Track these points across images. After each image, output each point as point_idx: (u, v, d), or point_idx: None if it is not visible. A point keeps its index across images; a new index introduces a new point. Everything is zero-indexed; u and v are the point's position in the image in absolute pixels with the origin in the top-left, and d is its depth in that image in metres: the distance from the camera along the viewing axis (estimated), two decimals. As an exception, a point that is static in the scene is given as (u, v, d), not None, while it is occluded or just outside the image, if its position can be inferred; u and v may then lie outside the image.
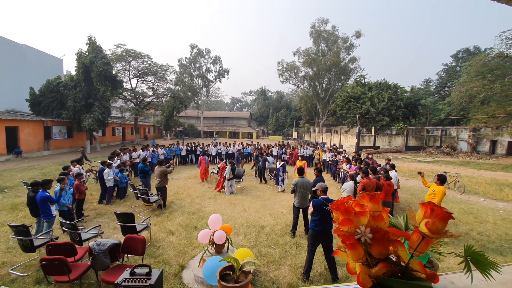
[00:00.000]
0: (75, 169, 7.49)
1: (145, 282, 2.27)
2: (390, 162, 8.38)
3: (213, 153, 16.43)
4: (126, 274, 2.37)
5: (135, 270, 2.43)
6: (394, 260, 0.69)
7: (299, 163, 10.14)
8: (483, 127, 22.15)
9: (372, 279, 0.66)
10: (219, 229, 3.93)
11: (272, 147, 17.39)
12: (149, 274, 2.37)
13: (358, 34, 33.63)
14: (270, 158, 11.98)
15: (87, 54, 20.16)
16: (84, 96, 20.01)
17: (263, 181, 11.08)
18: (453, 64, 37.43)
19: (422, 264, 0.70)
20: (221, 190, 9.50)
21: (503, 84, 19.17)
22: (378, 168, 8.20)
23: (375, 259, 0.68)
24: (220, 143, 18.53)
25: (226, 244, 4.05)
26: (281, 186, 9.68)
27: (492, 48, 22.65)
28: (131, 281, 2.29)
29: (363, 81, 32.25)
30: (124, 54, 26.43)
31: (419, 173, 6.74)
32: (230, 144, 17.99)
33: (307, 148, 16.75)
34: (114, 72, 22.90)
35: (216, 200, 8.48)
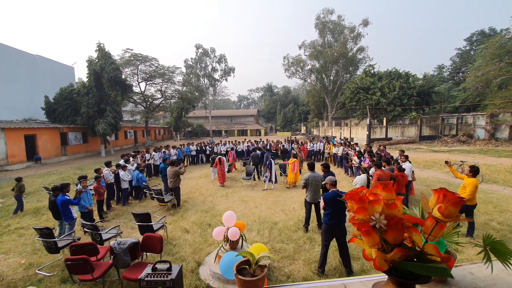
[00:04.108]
0: (105, 172, 7.81)
1: (167, 277, 2.38)
2: (404, 154, 8.18)
3: (223, 151, 16.59)
4: (148, 269, 2.49)
5: (157, 266, 2.54)
6: (409, 245, 0.70)
7: (291, 161, 9.92)
8: (502, 112, 21.12)
9: (388, 263, 0.68)
10: (233, 226, 4.00)
11: (281, 143, 17.35)
12: (169, 269, 2.48)
13: (365, 23, 32.69)
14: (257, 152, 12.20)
15: (97, 60, 20.74)
16: (96, 102, 20.64)
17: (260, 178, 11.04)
18: (467, 48, 35.85)
19: (437, 248, 0.70)
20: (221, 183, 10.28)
21: (522, 66, 18.23)
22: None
23: (390, 245, 0.69)
24: (216, 142, 18.68)
25: (240, 241, 4.11)
26: (266, 182, 9.63)
27: (509, 28, 21.48)
28: (154, 276, 2.40)
29: (372, 71, 31.42)
30: (132, 58, 26.97)
31: (446, 162, 6.12)
32: (239, 142, 18.12)
33: (317, 143, 16.59)
34: (123, 76, 23.48)
35: (227, 198, 8.59)
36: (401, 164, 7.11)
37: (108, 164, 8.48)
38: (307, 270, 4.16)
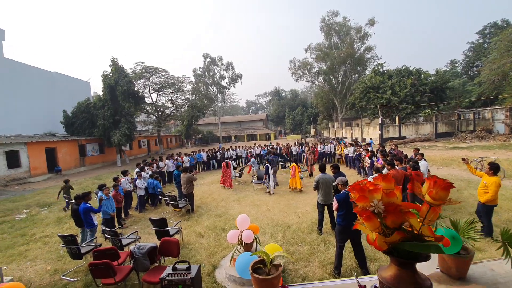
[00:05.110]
0: (122, 180, 8.13)
1: (186, 276, 2.48)
2: (419, 152, 8.00)
3: (234, 156, 16.80)
4: (169, 269, 2.61)
5: (177, 266, 2.66)
6: (408, 229, 0.77)
7: (291, 166, 9.93)
8: (522, 105, 20.21)
9: (388, 244, 0.75)
10: (247, 229, 4.07)
11: (291, 146, 17.35)
12: (188, 269, 2.59)
13: (371, 22, 32.37)
14: (253, 160, 12.62)
15: (111, 75, 21.70)
16: (111, 114, 21.51)
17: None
18: (480, 41, 34.67)
19: (431, 229, 0.77)
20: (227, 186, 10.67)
21: (541, 57, 17.43)
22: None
23: (390, 229, 0.76)
24: (226, 147, 18.84)
25: (254, 243, 4.17)
26: (268, 187, 9.63)
27: (524, 19, 20.70)
28: (174, 276, 2.52)
29: (381, 70, 30.95)
30: (144, 71, 27.99)
31: (463, 159, 5.81)
32: (250, 147, 18.29)
33: (328, 145, 16.46)
34: (136, 88, 24.38)
35: (240, 203, 8.67)
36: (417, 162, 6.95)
37: (124, 173, 8.81)
38: (322, 272, 4.15)
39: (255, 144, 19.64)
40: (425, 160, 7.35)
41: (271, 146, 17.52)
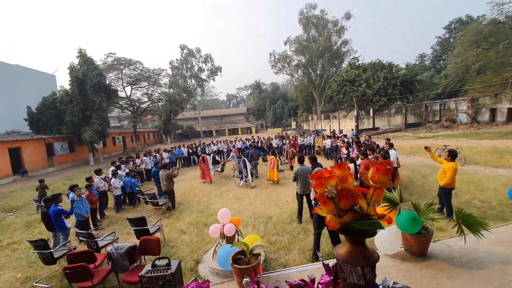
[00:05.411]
0: (96, 180, 7.74)
1: (166, 271, 2.48)
2: (389, 142, 8.51)
3: (216, 151, 16.65)
4: (148, 267, 2.59)
5: (156, 262, 2.64)
6: (358, 210, 0.87)
7: (269, 159, 10.14)
8: (481, 96, 22.09)
9: (341, 224, 0.85)
10: (228, 222, 4.11)
11: (272, 139, 17.57)
12: (168, 264, 2.59)
13: (347, 16, 33.25)
14: (232, 154, 12.52)
15: (79, 67, 20.24)
16: (81, 110, 20.15)
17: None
18: (447, 36, 37.04)
19: (375, 210, 0.90)
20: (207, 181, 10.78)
21: (497, 51, 19.02)
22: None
23: (344, 211, 0.86)
24: (207, 142, 18.68)
25: (236, 236, 4.23)
26: (241, 180, 9.94)
27: (484, 15, 22.37)
28: (154, 273, 2.51)
29: (357, 64, 32.07)
30: (115, 62, 26.37)
31: (426, 148, 6.31)
32: (231, 141, 18.22)
33: (307, 137, 16.89)
34: (107, 82, 23.00)
35: (222, 197, 8.69)
36: (388, 152, 7.40)
37: (98, 172, 8.41)
38: (302, 259, 4.35)
39: (236, 138, 19.60)
40: (394, 149, 7.87)
41: (252, 140, 17.60)
